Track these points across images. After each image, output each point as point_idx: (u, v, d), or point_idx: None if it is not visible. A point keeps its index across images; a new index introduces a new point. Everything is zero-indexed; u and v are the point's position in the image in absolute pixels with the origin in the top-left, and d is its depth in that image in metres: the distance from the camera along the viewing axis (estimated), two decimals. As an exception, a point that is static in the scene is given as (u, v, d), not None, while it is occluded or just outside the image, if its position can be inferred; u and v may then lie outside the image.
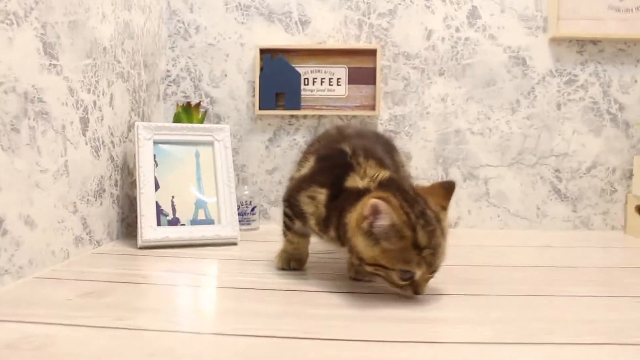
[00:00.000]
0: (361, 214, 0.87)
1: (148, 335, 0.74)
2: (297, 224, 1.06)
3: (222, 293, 0.97)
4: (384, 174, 0.95)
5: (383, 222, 0.85)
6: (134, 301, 0.90)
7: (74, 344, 0.70)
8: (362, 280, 1.02)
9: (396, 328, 0.79)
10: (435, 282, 1.02)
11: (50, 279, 1.00)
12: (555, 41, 1.65)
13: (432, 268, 0.88)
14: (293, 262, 1.11)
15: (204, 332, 0.77)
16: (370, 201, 0.85)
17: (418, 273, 0.87)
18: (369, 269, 0.89)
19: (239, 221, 1.54)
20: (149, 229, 1.30)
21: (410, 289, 0.89)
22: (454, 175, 1.66)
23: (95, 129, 1.26)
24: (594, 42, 1.65)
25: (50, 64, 1.07)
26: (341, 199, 0.95)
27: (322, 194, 0.98)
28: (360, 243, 0.88)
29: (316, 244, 1.13)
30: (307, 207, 1.01)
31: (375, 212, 0.85)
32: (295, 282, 1.02)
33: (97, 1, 1.26)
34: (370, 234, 0.86)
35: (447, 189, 0.96)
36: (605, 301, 0.95)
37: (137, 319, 0.80)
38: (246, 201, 1.57)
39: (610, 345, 0.73)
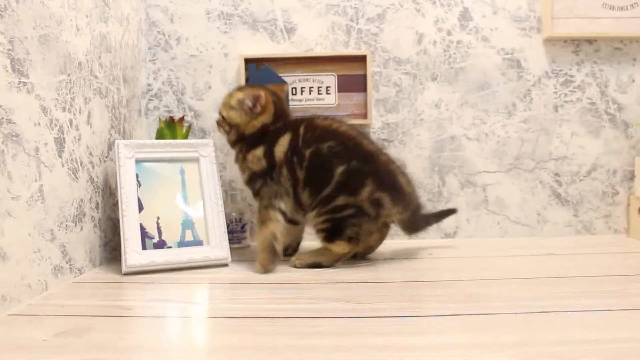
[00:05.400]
0: None
1: (132, 381, 0.67)
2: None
3: (213, 324, 0.90)
4: None
5: None
6: (117, 339, 0.82)
7: (48, 396, 0.63)
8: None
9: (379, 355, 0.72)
10: (432, 300, 0.96)
11: (25, 316, 0.93)
12: (550, 41, 1.60)
13: None
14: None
15: (194, 373, 0.70)
16: None
17: None
18: None
19: (229, 240, 1.47)
20: (133, 254, 1.22)
21: None
22: (451, 183, 1.60)
23: (72, 150, 1.19)
24: (590, 41, 1.60)
25: (19, 82, 0.99)
26: None
27: None
28: None
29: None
30: None
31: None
32: (286, 309, 0.95)
33: (70, 13, 1.18)
34: None
35: None
36: (616, 316, 0.88)
37: (121, 361, 0.73)
38: (235, 219, 1.50)
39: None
